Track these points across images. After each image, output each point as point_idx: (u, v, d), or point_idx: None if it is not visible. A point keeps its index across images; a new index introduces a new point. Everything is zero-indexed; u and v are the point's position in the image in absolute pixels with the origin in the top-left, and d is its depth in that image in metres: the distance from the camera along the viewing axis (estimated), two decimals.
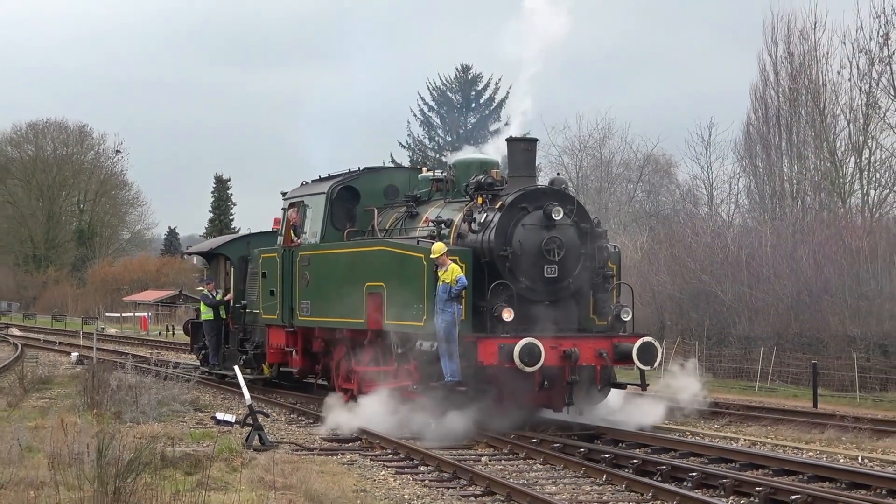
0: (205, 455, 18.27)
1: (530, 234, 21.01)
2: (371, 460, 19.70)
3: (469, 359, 20.24)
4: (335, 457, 19.99)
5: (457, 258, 20.68)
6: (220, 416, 23.37)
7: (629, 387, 22.57)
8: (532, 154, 22.53)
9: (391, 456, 20.10)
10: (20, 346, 51.10)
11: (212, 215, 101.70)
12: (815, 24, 52.45)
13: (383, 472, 18.44)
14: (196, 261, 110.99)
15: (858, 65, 49.68)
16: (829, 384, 32.19)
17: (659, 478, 17.43)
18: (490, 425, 21.01)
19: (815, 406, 26.76)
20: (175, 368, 31.09)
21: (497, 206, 21.13)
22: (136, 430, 21.12)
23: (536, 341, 19.82)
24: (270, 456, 19.29)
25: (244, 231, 53.93)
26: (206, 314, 31.84)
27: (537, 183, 22.35)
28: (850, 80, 50.42)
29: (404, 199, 24.56)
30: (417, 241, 22.03)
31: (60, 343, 55.17)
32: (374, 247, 23.37)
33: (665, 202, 66.12)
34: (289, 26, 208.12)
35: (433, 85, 74.19)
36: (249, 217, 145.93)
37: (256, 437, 20.73)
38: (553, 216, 20.90)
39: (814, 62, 52.70)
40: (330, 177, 26.56)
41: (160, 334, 69.52)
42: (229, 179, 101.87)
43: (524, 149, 22.17)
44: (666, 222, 57.19)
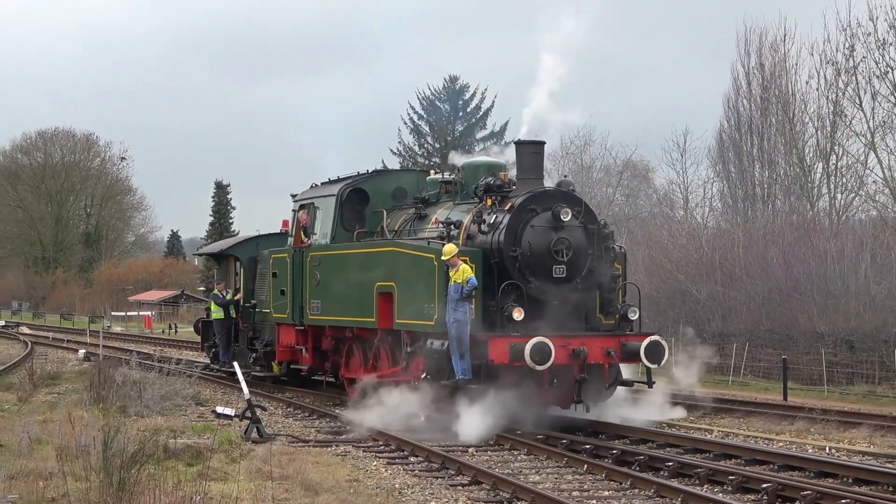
0: (205, 447, 18.27)
1: (539, 235, 20.58)
2: (364, 451, 19.68)
3: (480, 357, 19.79)
4: (329, 448, 19.98)
5: (467, 259, 20.26)
6: (220, 410, 23.40)
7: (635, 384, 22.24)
8: (540, 157, 21.92)
9: (382, 447, 20.09)
10: (30, 344, 51.08)
11: (212, 219, 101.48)
12: (785, 37, 52.71)
13: (375, 463, 18.44)
14: (197, 262, 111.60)
15: (826, 75, 49.86)
16: (799, 378, 32.23)
17: (637, 467, 17.44)
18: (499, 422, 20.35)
19: (786, 399, 26.78)
20: (177, 365, 30.97)
21: (506, 208, 20.72)
22: (140, 424, 21.08)
23: (547, 340, 19.37)
24: (268, 448, 19.27)
25: (243, 233, 53.87)
26: (217, 313, 31.51)
27: (545, 185, 21.85)
28: (818, 90, 50.62)
29: (413, 201, 24.12)
30: (428, 242, 21.60)
31: (68, 341, 55.01)
32: (385, 247, 22.93)
33: (643, 206, 66.16)
34: (289, 39, 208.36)
35: (422, 95, 74.33)
36: (248, 221, 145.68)
37: (255, 430, 20.71)
38: (561, 217, 20.50)
39: (784, 73, 52.91)
40: (340, 179, 26.13)
41: (163, 332, 69.44)
42: (229, 185, 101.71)
43: (532, 151, 21.63)
44: (644, 225, 57.24)
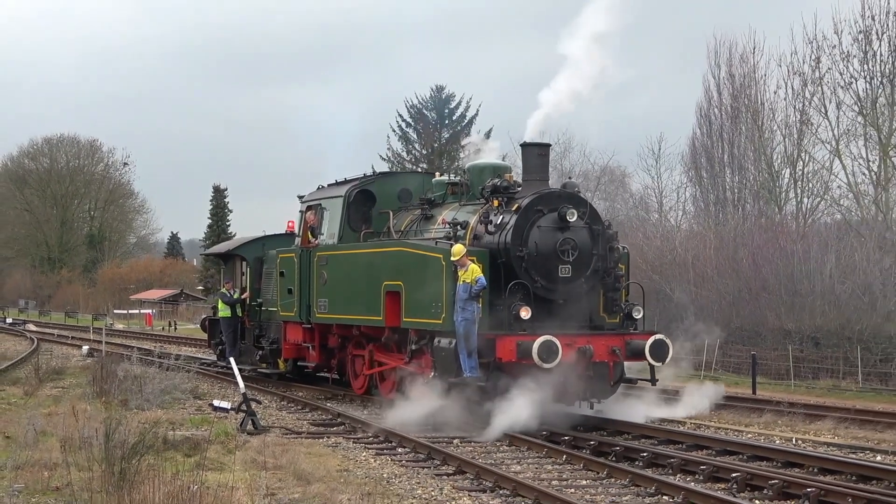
0: (203, 438, 18.26)
1: (545, 236, 20.14)
2: (353, 443, 19.65)
3: (487, 355, 19.35)
4: (321, 440, 19.95)
5: (474, 258, 19.74)
6: (217, 404, 23.34)
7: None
8: (545, 159, 21.55)
9: (372, 439, 20.07)
10: (36, 340, 51.04)
11: (210, 221, 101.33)
12: (755, 49, 52.80)
13: (364, 454, 18.41)
14: (196, 262, 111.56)
15: (793, 86, 49.95)
16: (767, 373, 32.31)
17: (613, 458, 17.45)
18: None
19: (754, 392, 26.84)
20: (177, 360, 30.91)
21: (513, 209, 20.29)
22: (141, 416, 21.04)
23: (554, 339, 18.86)
24: (262, 439, 19.28)
25: (240, 235, 53.75)
26: (224, 311, 31.14)
27: (550, 186, 21.45)
28: (786, 100, 50.72)
29: (419, 202, 23.68)
30: (436, 242, 21.13)
31: (72, 337, 54.91)
32: (393, 247, 22.42)
33: (620, 209, 66.06)
34: (284, 51, 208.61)
35: (410, 103, 74.21)
36: (245, 223, 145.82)
37: (250, 423, 20.66)
38: (567, 218, 20.03)
39: (753, 83, 53.00)
40: (346, 181, 25.76)
41: (163, 329, 69.33)
42: (226, 189, 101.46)
43: (538, 153, 21.25)
44: (620, 227, 57.25)
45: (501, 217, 20.38)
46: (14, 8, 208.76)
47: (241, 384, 22.27)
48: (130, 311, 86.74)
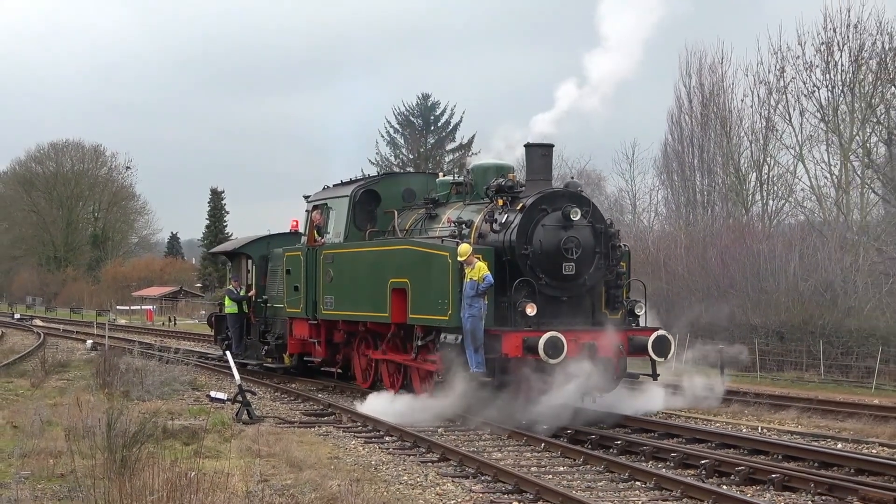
0: (200, 428, 18.24)
1: (550, 234, 19.55)
2: (343, 432, 19.64)
3: (493, 351, 18.75)
4: (313, 429, 19.94)
5: (480, 256, 19.16)
6: (214, 395, 23.32)
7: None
8: (549, 159, 20.89)
9: (360, 428, 20.05)
10: (42, 335, 50.88)
11: (208, 222, 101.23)
12: (723, 60, 52.98)
13: (353, 442, 18.41)
14: (195, 261, 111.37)
15: (759, 94, 50.08)
16: (734, 365, 32.31)
17: (588, 445, 17.48)
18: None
19: (722, 385, 26.81)
20: (176, 354, 30.84)
21: (518, 208, 19.71)
22: (142, 407, 21.00)
23: (559, 335, 18.28)
24: (257, 428, 19.27)
25: (236, 235, 53.57)
26: (231, 308, 30.63)
27: (553, 186, 20.82)
28: (752, 107, 50.86)
29: (423, 202, 23.07)
30: (441, 241, 20.53)
31: (77, 332, 54.82)
32: (399, 245, 21.79)
33: None
34: (280, 62, 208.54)
35: (398, 110, 74.33)
36: (241, 223, 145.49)
37: (245, 413, 20.66)
38: (571, 217, 19.50)
39: (721, 92, 53.19)
40: (352, 181, 25.37)
41: (163, 324, 69.19)
42: (223, 191, 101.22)
43: (541, 154, 20.65)
44: None
45: (506, 216, 19.92)
46: (24, 21, 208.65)
47: (237, 376, 22.26)
48: (132, 308, 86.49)
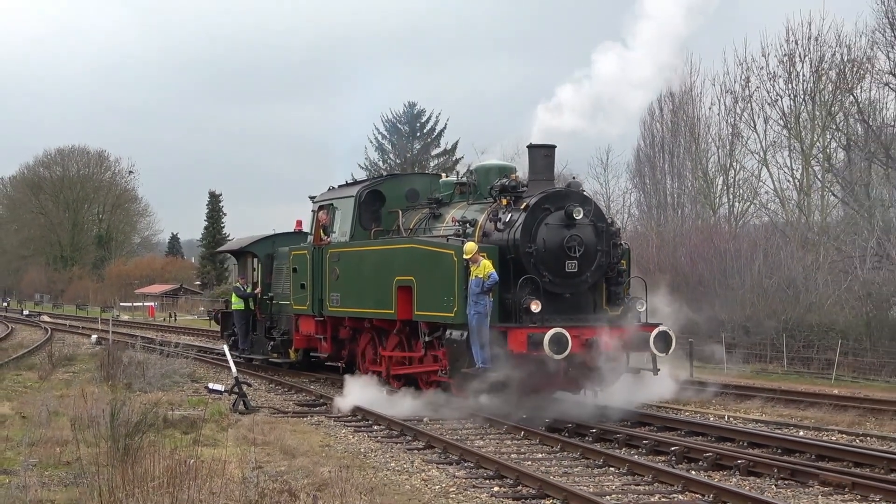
0: (199, 417, 18.24)
1: (553, 233, 18.97)
2: (334, 421, 19.63)
3: (499, 347, 18.09)
4: (305, 418, 19.93)
5: (485, 254, 18.63)
6: (212, 386, 23.29)
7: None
8: (551, 159, 20.15)
9: (350, 417, 20.04)
10: (50, 330, 50.85)
11: (207, 223, 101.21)
12: (691, 70, 53.04)
13: (344, 431, 18.41)
14: (194, 260, 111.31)
15: (725, 102, 50.22)
16: (703, 359, 32.38)
17: (566, 433, 17.48)
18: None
19: (692, 376, 26.87)
20: (176, 348, 30.79)
21: (522, 207, 19.13)
22: (143, 398, 20.97)
23: (564, 331, 17.71)
24: (252, 418, 19.26)
25: (234, 236, 53.39)
26: (238, 304, 30.10)
27: (556, 186, 20.14)
28: (719, 115, 51.01)
29: (427, 202, 22.43)
30: (447, 239, 19.89)
31: (83, 328, 54.68)
32: (405, 244, 21.17)
33: None
34: (276, 69, 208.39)
35: (386, 118, 74.27)
36: (238, 224, 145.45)
37: (241, 403, 20.64)
38: (574, 216, 18.93)
39: (690, 101, 53.28)
40: (357, 182, 24.96)
41: (164, 320, 69.10)
42: (221, 194, 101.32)
43: (544, 154, 19.93)
44: None
45: (510, 215, 19.37)
46: (30, 28, 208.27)
47: (234, 369, 22.24)
48: (135, 304, 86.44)
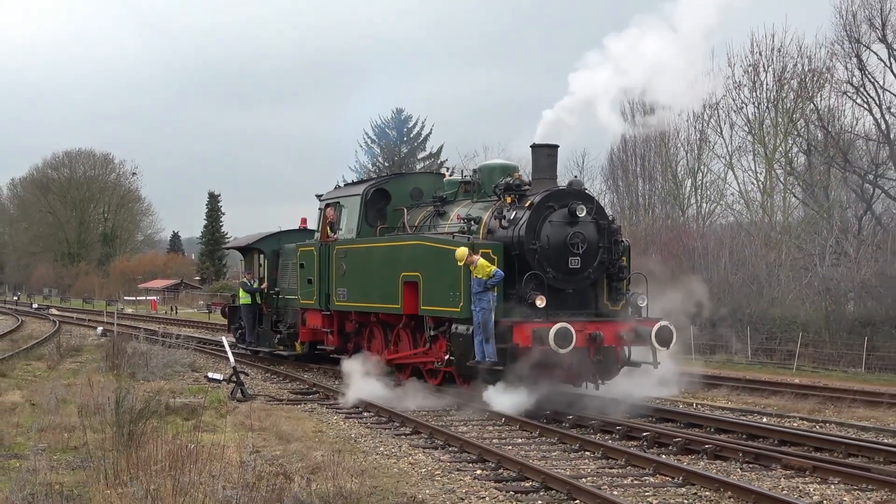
0: (199, 405, 18.23)
1: (556, 230, 18.45)
2: (326, 408, 19.61)
3: (505, 341, 17.56)
4: (299, 406, 19.89)
5: (489, 251, 18.21)
6: (211, 375, 23.22)
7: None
8: (554, 159, 19.76)
9: (342, 404, 20.02)
10: (58, 323, 50.70)
11: (206, 222, 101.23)
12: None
13: (335, 417, 18.39)
14: (194, 256, 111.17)
15: (694, 110, 50.32)
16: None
17: (544, 420, 17.46)
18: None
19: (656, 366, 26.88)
20: (177, 339, 30.72)
21: (526, 205, 18.59)
22: (146, 386, 20.91)
23: (569, 325, 17.19)
24: (249, 405, 19.22)
25: (233, 234, 53.33)
26: (245, 299, 29.63)
27: (558, 184, 19.61)
28: (688, 122, 51.13)
29: (431, 200, 21.88)
30: (453, 236, 19.33)
31: (89, 320, 54.57)
32: (411, 241, 20.52)
33: None
34: (271, 77, 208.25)
35: (375, 123, 74.35)
36: (236, 223, 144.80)
37: (239, 391, 20.59)
38: (577, 214, 18.41)
39: (660, 108, 53.28)
40: (363, 181, 24.57)
41: (166, 313, 68.96)
42: (219, 194, 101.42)
43: (547, 154, 19.53)
44: None
45: (514, 213, 18.81)
46: (40, 37, 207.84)
47: (232, 359, 22.20)
48: (138, 298, 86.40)
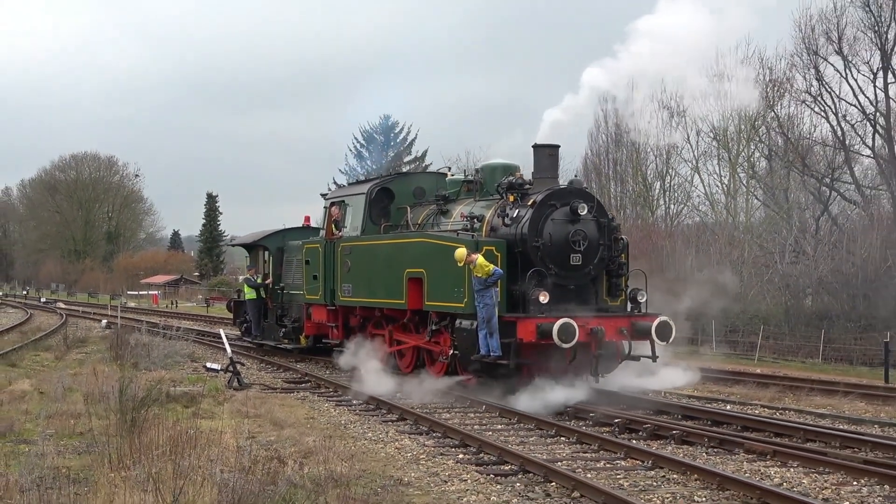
0: (198, 393, 18.17)
1: (558, 228, 17.99)
2: (318, 396, 19.58)
3: (509, 336, 17.05)
4: (292, 394, 19.86)
5: (493, 248, 17.82)
6: (209, 365, 23.20)
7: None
8: (555, 158, 19.29)
9: (332, 393, 19.99)
10: (65, 316, 50.50)
11: (204, 221, 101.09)
12: (633, 88, 53.04)
13: (326, 405, 18.36)
14: (193, 253, 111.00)
15: (662, 117, 50.39)
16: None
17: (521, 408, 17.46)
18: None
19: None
20: (177, 332, 30.61)
21: (528, 204, 18.13)
22: (148, 376, 20.83)
23: (572, 321, 16.70)
24: (245, 394, 19.20)
25: (230, 233, 53.11)
26: (250, 294, 29.29)
27: (559, 183, 19.11)
28: (657, 128, 51.17)
29: (434, 198, 21.29)
30: (457, 234, 18.91)
31: (94, 313, 54.36)
32: (416, 238, 19.92)
33: None
34: (266, 84, 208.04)
35: (363, 129, 74.36)
36: (233, 222, 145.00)
37: (235, 381, 20.55)
38: (579, 212, 17.93)
39: (632, 115, 53.40)
40: (367, 180, 24.07)
41: (167, 307, 68.76)
42: (217, 195, 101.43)
43: (548, 154, 19.06)
44: None
45: (517, 211, 18.34)
46: (49, 45, 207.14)
47: (229, 350, 22.16)
48: (140, 293, 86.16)
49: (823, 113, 42.26)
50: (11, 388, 18.97)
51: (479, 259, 17.29)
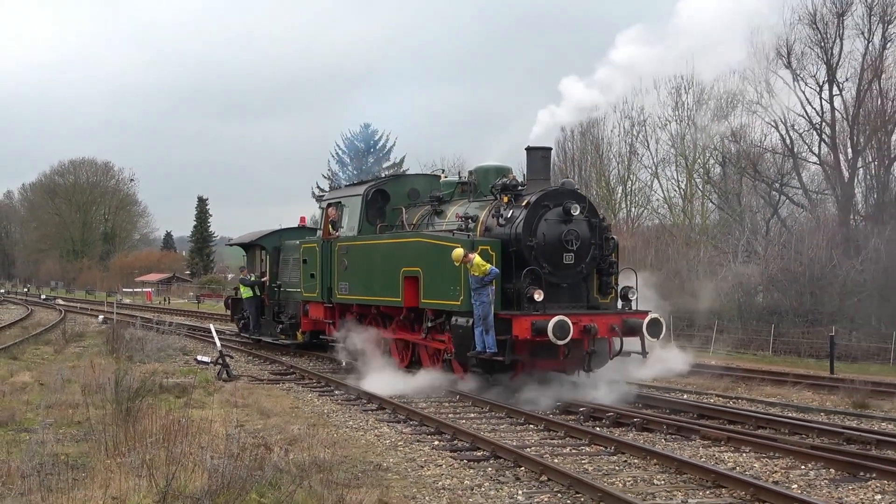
0: (189, 384, 18.13)
1: (552, 228, 17.49)
2: (302, 387, 19.54)
3: (504, 333, 16.59)
4: (278, 385, 19.81)
5: (488, 247, 17.33)
6: (200, 358, 23.08)
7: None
8: (547, 161, 18.75)
9: (315, 384, 19.95)
10: (63, 312, 50.21)
11: (195, 223, 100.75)
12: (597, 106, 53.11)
13: (310, 395, 18.33)
14: (185, 253, 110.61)
15: (624, 126, 50.63)
16: None
17: (492, 397, 17.44)
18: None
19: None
20: (170, 326, 30.48)
21: (522, 204, 17.67)
22: (142, 368, 20.72)
23: (566, 318, 16.25)
24: (234, 385, 19.13)
25: (220, 234, 52.90)
26: (247, 293, 28.83)
27: (552, 185, 18.55)
28: (619, 136, 51.38)
29: (429, 200, 20.75)
30: (453, 234, 18.32)
31: (91, 309, 54.07)
32: (412, 238, 19.36)
33: None
34: (256, 92, 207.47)
35: (345, 136, 74.29)
36: (222, 224, 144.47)
37: (224, 372, 20.48)
38: (571, 212, 17.45)
39: (596, 123, 53.52)
40: (363, 182, 23.62)
41: (160, 303, 68.47)
42: (207, 198, 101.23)
43: (541, 156, 18.51)
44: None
45: (511, 211, 17.84)
46: (47, 56, 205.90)
47: (218, 343, 22.08)
48: (135, 290, 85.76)
49: (773, 122, 42.57)
50: (13, 380, 18.85)
51: (477, 258, 16.95)
